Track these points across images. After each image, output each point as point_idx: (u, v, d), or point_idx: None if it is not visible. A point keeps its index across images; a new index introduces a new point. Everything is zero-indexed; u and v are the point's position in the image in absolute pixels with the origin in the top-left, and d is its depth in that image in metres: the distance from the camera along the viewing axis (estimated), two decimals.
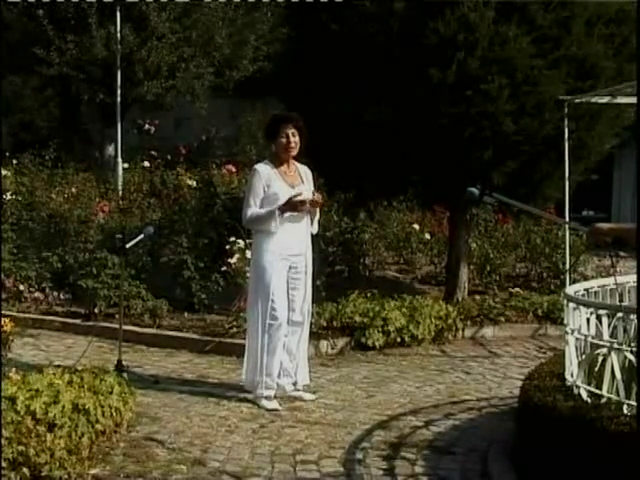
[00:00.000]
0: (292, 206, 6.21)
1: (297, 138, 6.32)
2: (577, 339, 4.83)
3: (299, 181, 6.40)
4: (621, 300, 5.31)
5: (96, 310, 8.99)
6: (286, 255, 6.27)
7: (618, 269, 9.04)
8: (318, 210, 6.47)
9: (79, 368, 5.63)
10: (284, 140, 6.29)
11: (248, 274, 7.00)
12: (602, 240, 4.44)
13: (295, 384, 6.56)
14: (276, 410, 6.13)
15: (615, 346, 4.43)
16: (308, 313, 6.58)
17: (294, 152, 6.37)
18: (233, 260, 8.75)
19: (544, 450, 4.41)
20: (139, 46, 14.95)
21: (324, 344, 8.16)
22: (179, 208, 10.57)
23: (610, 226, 4.59)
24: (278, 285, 6.25)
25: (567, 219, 8.62)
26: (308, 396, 6.53)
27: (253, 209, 6.26)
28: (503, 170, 9.02)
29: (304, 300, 6.47)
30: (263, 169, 6.30)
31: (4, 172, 12.15)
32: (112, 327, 8.16)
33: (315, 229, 6.52)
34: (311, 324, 7.99)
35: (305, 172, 6.51)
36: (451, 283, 10.22)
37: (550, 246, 11.57)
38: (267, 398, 6.25)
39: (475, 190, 4.64)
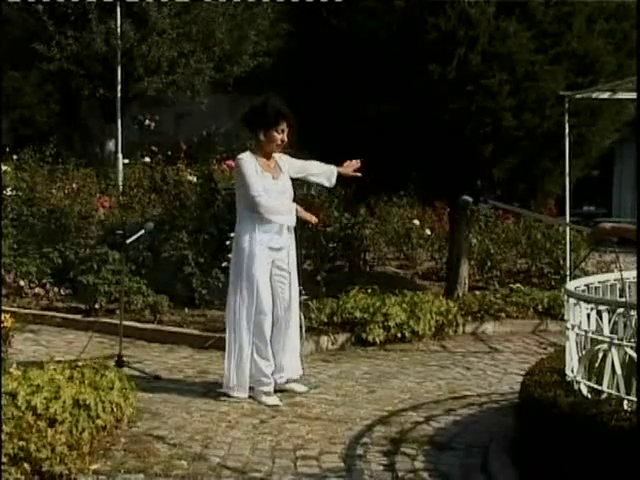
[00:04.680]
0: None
1: (287, 137, 6.30)
2: (577, 335, 4.83)
3: (279, 172, 6.35)
4: (621, 296, 5.31)
5: (97, 306, 9.00)
6: (270, 247, 6.22)
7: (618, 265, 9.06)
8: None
9: (80, 364, 5.63)
10: (279, 137, 6.24)
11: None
12: (607, 239, 4.44)
13: (283, 377, 6.55)
14: (276, 406, 6.13)
15: (615, 342, 4.43)
16: (295, 308, 6.53)
17: (281, 148, 6.36)
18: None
19: (544, 445, 4.42)
20: (139, 42, 14.98)
21: (325, 340, 8.17)
22: (179, 204, 10.57)
23: (613, 225, 4.58)
24: (262, 279, 6.19)
25: (567, 215, 8.63)
26: (300, 388, 6.54)
27: (264, 196, 6.15)
28: (504, 166, 9.02)
29: (290, 296, 6.42)
30: (249, 158, 6.23)
31: (4, 168, 12.16)
32: (113, 323, 8.17)
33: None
34: (311, 319, 8.05)
35: (280, 159, 6.43)
36: (452, 279, 10.22)
37: (551, 242, 11.58)
38: (267, 394, 6.25)
39: (469, 198, 4.65)
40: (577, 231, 10.89)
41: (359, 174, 6.81)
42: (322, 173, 6.70)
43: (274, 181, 6.26)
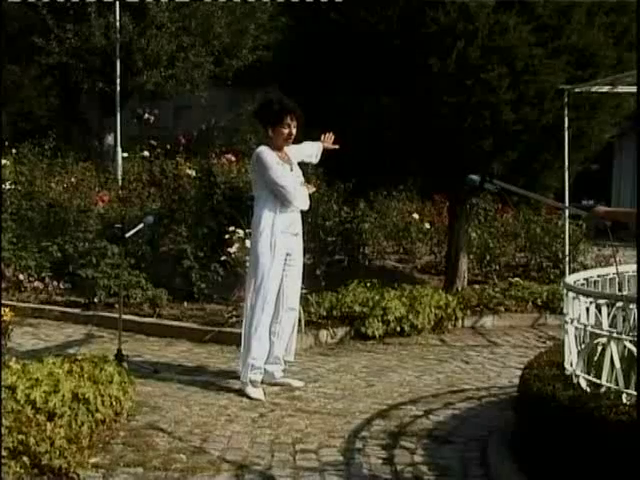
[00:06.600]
0: None
1: (295, 129, 6.36)
2: (576, 328, 4.83)
3: (291, 162, 6.46)
4: (620, 289, 5.31)
5: (96, 299, 9.00)
6: (290, 232, 6.31)
7: (617, 258, 9.07)
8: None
9: (79, 357, 5.63)
10: (286, 131, 6.32)
11: (247, 264, 6.96)
12: (601, 223, 4.45)
13: (284, 371, 6.61)
14: (260, 400, 6.10)
15: (614, 335, 4.43)
16: (297, 299, 6.62)
17: (291, 142, 6.43)
18: (233, 249, 8.75)
19: (543, 439, 4.42)
20: (138, 35, 14.96)
21: (324, 334, 8.17)
22: (179, 198, 10.57)
23: (608, 209, 4.61)
24: (276, 268, 6.24)
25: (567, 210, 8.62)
26: (297, 383, 6.57)
27: (291, 185, 6.27)
28: (503, 159, 9.01)
29: (296, 286, 6.51)
30: (269, 151, 6.30)
31: (4, 161, 12.15)
32: (112, 316, 8.17)
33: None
34: (310, 313, 8.06)
35: (290, 151, 6.52)
36: (451, 272, 10.23)
37: (550, 235, 11.58)
38: (253, 384, 6.24)
39: (475, 177, 4.65)
40: (577, 224, 10.92)
41: (337, 146, 6.99)
42: (313, 152, 6.90)
43: (291, 172, 6.39)
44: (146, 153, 14.65)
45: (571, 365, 4.75)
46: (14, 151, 13.67)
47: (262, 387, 6.29)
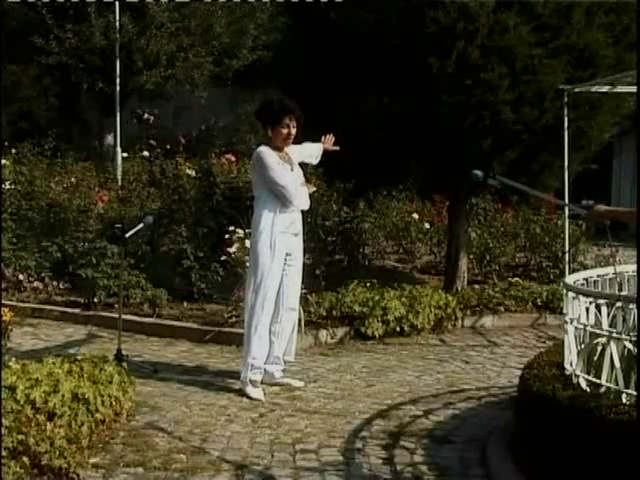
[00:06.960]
0: None
1: (295, 129, 6.35)
2: (576, 328, 4.83)
3: (292, 162, 6.45)
4: (620, 289, 5.31)
5: (95, 299, 9.00)
6: (290, 232, 6.31)
7: (617, 258, 9.09)
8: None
9: (79, 357, 5.63)
10: (285, 131, 6.31)
11: (247, 263, 6.95)
12: (601, 222, 4.46)
13: (284, 371, 6.61)
14: (260, 400, 6.09)
15: (614, 335, 4.43)
16: (297, 299, 6.62)
17: (291, 142, 6.42)
18: (232, 249, 8.74)
19: (543, 439, 4.42)
20: (138, 35, 14.98)
21: (324, 333, 8.17)
22: (178, 197, 10.57)
23: (608, 208, 4.62)
24: (276, 268, 6.25)
25: (566, 209, 8.62)
26: (297, 383, 6.57)
27: (291, 185, 6.27)
28: (503, 160, 9.00)
29: (296, 286, 6.51)
30: (270, 151, 6.29)
31: (3, 161, 12.16)
32: (111, 316, 8.18)
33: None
34: (310, 313, 8.05)
35: (291, 151, 6.53)
36: (450, 272, 10.22)
37: (550, 235, 11.59)
38: (253, 383, 6.24)
39: (479, 173, 4.67)
40: (576, 224, 10.93)
41: (337, 148, 7.00)
42: (313, 153, 6.91)
43: (292, 172, 6.39)
44: (146, 153, 14.66)
45: (571, 365, 4.76)
46: (14, 151, 13.68)
47: (262, 387, 6.30)
